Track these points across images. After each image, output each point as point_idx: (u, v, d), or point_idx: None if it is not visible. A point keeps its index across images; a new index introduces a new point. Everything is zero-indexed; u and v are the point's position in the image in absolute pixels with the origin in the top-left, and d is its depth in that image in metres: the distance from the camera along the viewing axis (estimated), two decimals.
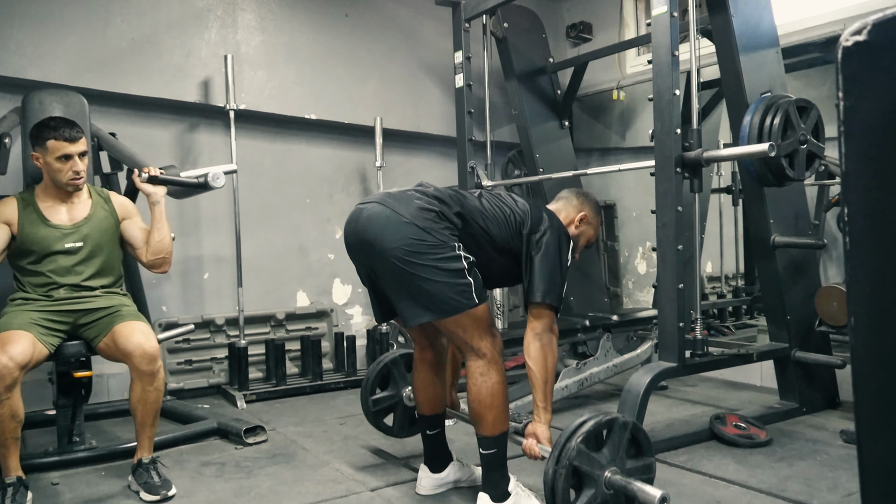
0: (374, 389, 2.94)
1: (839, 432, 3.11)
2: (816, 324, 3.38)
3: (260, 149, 4.56)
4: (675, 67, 2.96)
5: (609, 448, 2.08)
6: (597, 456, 2.05)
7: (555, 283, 2.31)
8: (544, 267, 2.32)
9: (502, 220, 2.36)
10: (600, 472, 2.04)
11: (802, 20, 3.85)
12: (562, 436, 2.06)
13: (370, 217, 2.25)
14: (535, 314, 2.32)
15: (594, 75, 5.13)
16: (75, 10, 3.86)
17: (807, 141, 3.05)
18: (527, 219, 2.38)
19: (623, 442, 2.09)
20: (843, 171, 0.77)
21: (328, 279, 4.84)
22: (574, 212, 2.58)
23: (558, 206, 2.61)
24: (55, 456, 2.95)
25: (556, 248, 2.35)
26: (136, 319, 2.81)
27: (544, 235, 2.35)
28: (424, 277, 2.16)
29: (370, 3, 4.84)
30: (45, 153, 2.75)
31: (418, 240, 2.16)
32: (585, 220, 2.59)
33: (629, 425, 2.11)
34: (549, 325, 2.32)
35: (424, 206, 2.21)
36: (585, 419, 2.08)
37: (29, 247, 2.77)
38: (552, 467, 2.01)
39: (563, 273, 2.36)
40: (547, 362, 2.30)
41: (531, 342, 2.31)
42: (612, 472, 2.05)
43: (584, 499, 2.03)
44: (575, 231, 2.57)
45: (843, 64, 0.75)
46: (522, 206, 2.43)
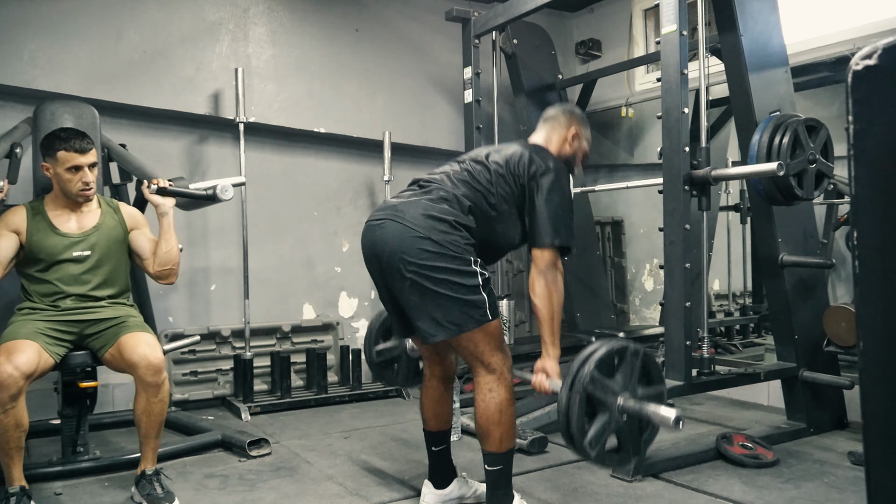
0: (377, 340, 2.90)
1: (847, 454, 3.08)
2: (825, 344, 3.36)
3: (269, 161, 4.58)
4: (684, 86, 2.97)
5: (621, 375, 2.07)
6: (610, 382, 2.04)
7: (560, 224, 2.28)
8: (546, 209, 2.29)
9: (503, 182, 2.34)
10: (613, 399, 2.03)
11: (812, 40, 3.85)
12: (574, 363, 2.05)
13: (385, 235, 2.25)
14: (539, 254, 2.29)
15: (603, 92, 5.14)
16: (88, 22, 3.90)
17: (816, 160, 3.04)
18: (520, 166, 2.34)
19: (635, 370, 2.09)
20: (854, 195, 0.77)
21: (334, 292, 4.84)
22: (564, 130, 2.54)
23: (546, 132, 2.56)
24: (59, 466, 2.95)
25: (554, 187, 2.30)
26: (142, 330, 2.81)
27: (539, 178, 2.31)
28: (441, 294, 2.16)
29: (380, 19, 4.87)
30: (56, 164, 2.77)
31: (435, 254, 2.16)
32: (577, 136, 2.55)
33: (640, 353, 2.11)
34: (554, 261, 2.28)
35: (436, 216, 2.21)
36: (597, 346, 2.08)
37: (37, 255, 2.78)
38: (566, 394, 2.00)
39: (566, 210, 2.32)
40: (552, 298, 2.27)
41: (535, 279, 2.28)
42: (626, 399, 2.04)
43: (597, 425, 2.02)
44: (569, 150, 2.54)
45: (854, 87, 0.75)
46: (513, 154, 2.38)
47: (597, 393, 2.01)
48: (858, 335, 0.79)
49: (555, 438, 3.37)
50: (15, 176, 3.37)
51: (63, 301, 2.79)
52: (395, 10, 4.92)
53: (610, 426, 2.04)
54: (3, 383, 2.42)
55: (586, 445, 2.02)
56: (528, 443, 3.16)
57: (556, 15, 5.53)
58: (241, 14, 4.38)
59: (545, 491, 2.74)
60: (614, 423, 2.04)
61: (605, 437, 2.05)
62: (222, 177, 3.17)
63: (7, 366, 2.45)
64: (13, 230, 2.78)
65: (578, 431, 2.00)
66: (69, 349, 2.76)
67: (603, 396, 2.02)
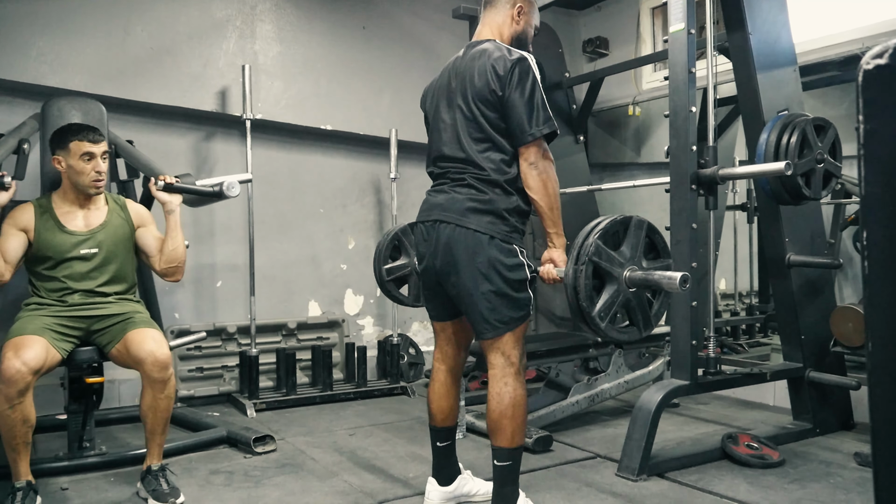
0: (386, 259, 2.94)
1: (853, 454, 3.07)
2: (831, 344, 3.35)
3: (275, 158, 4.58)
4: (692, 84, 2.96)
5: (627, 247, 2.07)
6: (616, 254, 2.04)
7: (535, 113, 2.23)
8: (518, 104, 2.23)
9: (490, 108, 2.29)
10: (620, 270, 2.03)
11: (820, 39, 3.83)
12: (579, 236, 2.05)
13: (439, 236, 2.31)
14: (525, 149, 2.25)
15: (610, 91, 5.12)
16: (96, 19, 3.91)
17: (824, 160, 3.03)
18: (493, 82, 2.26)
19: (640, 242, 2.08)
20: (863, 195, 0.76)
21: (340, 289, 4.85)
22: (508, 8, 2.46)
23: (491, 16, 2.48)
24: (65, 461, 2.96)
25: (517, 82, 2.24)
26: (149, 326, 2.82)
27: (509, 77, 2.24)
28: (493, 292, 2.23)
29: (387, 16, 4.87)
30: (68, 155, 2.78)
31: (486, 250, 2.23)
32: (523, 11, 2.47)
33: (645, 224, 2.11)
34: (541, 151, 2.26)
35: (481, 208, 2.26)
36: (600, 219, 2.08)
37: (45, 252, 2.79)
38: (571, 266, 2.00)
39: (538, 96, 2.25)
40: (548, 188, 2.25)
41: (527, 173, 2.26)
42: (631, 271, 2.04)
43: (605, 296, 2.02)
44: (518, 28, 2.46)
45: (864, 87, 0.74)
46: (479, 80, 2.30)
47: (603, 263, 2.00)
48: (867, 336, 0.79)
49: (559, 437, 3.37)
50: (23, 172, 3.38)
51: (70, 297, 2.80)
52: (402, 8, 4.92)
53: (618, 298, 2.03)
54: (11, 379, 2.44)
55: (595, 316, 2.03)
56: (532, 441, 3.16)
57: (563, 13, 5.52)
58: (248, 11, 4.38)
59: (550, 489, 2.74)
60: (622, 295, 2.03)
61: (613, 309, 2.05)
62: (229, 174, 3.17)
63: (15, 361, 2.46)
64: (21, 228, 2.79)
65: (587, 303, 2.00)
66: (76, 345, 2.78)
67: (609, 267, 2.02)
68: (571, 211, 4.20)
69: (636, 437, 2.87)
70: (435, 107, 2.49)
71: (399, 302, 3.05)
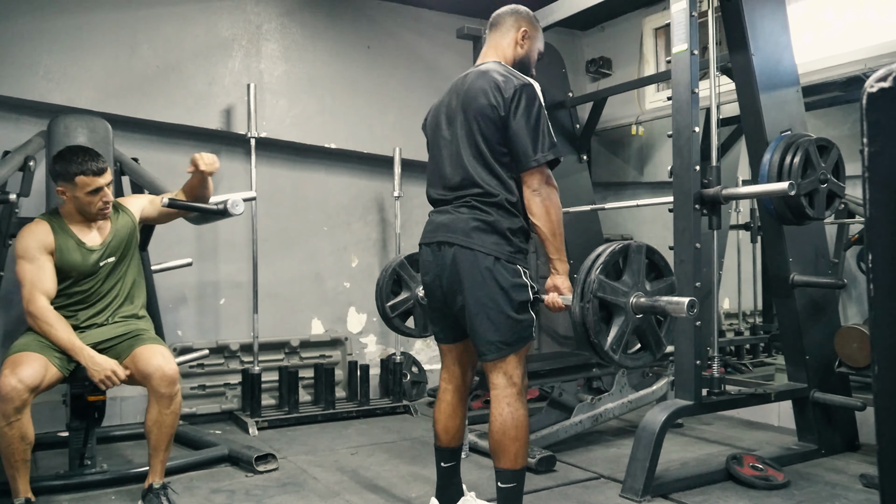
0: (388, 296, 2.94)
1: (859, 476, 3.04)
2: (836, 364, 3.33)
3: (279, 176, 4.60)
4: (695, 104, 2.97)
5: (629, 274, 2.08)
6: (619, 284, 2.05)
7: (539, 139, 2.24)
8: (521, 129, 2.24)
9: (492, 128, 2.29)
10: (625, 299, 2.03)
11: (823, 59, 3.84)
12: (580, 272, 2.06)
13: (444, 257, 2.32)
14: (529, 175, 2.26)
15: (613, 110, 5.14)
16: (103, 37, 3.94)
17: (827, 180, 3.03)
18: (495, 103, 2.27)
19: (641, 266, 2.09)
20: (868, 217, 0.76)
21: (343, 307, 4.84)
22: (513, 32, 2.48)
23: (495, 40, 2.49)
24: (66, 479, 2.94)
25: (522, 106, 2.25)
26: (157, 343, 2.83)
27: (512, 102, 2.24)
28: (498, 313, 2.23)
29: (392, 36, 4.90)
30: (74, 189, 2.74)
31: (490, 271, 2.23)
32: (527, 35, 2.49)
33: (643, 248, 2.11)
34: (545, 178, 2.27)
35: (486, 227, 2.26)
36: (600, 251, 2.09)
37: (67, 272, 2.77)
38: (577, 304, 2.01)
39: (542, 121, 2.26)
40: (551, 215, 2.26)
41: (531, 199, 2.27)
42: (637, 297, 2.04)
43: (615, 328, 2.04)
44: (522, 52, 2.48)
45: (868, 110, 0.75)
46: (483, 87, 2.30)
47: (608, 297, 2.02)
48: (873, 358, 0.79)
49: (563, 457, 3.35)
50: (28, 189, 3.40)
51: (84, 312, 2.80)
52: (407, 28, 4.95)
53: (628, 327, 2.05)
54: (7, 396, 2.42)
55: (609, 351, 2.04)
56: (536, 461, 3.14)
57: (566, 33, 5.56)
58: (254, 30, 4.42)
59: None
60: (631, 323, 2.05)
61: (625, 339, 2.07)
62: (233, 191, 3.18)
63: (11, 378, 2.45)
64: (48, 250, 2.74)
65: (598, 338, 2.02)
66: (78, 362, 2.73)
67: (615, 299, 2.04)
68: (574, 230, 4.20)
69: (640, 458, 2.85)
70: (435, 126, 2.50)
71: (406, 335, 3.05)
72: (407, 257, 3.01)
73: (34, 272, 2.69)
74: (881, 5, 3.66)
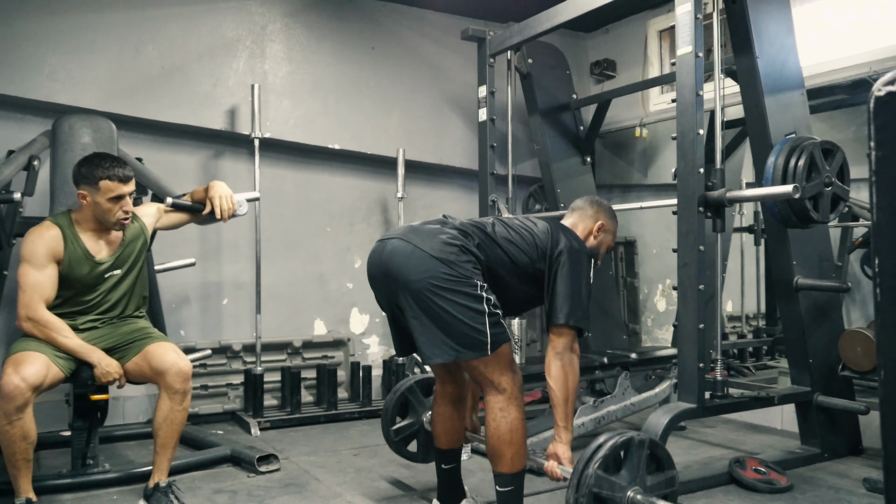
0: (393, 420, 2.94)
1: (862, 480, 3.03)
2: (840, 368, 3.32)
3: (283, 177, 4.60)
4: (700, 107, 2.96)
5: (628, 468, 2.06)
6: (616, 479, 2.03)
7: (578, 304, 2.29)
8: (566, 288, 2.30)
9: (524, 245, 2.35)
10: (622, 495, 2.01)
11: (828, 62, 3.84)
12: (579, 462, 2.04)
13: (393, 252, 2.27)
14: (556, 333, 2.30)
15: (617, 112, 5.13)
16: (108, 37, 3.95)
17: (832, 183, 3.02)
18: (547, 240, 2.36)
19: (641, 460, 2.07)
20: (874, 222, 0.76)
21: (346, 308, 4.84)
22: (591, 222, 2.58)
23: (574, 220, 2.60)
24: (69, 478, 2.95)
25: (576, 268, 2.33)
26: (167, 341, 2.84)
27: (563, 255, 2.33)
28: (444, 316, 2.16)
29: (396, 37, 4.90)
30: (96, 193, 2.68)
31: (443, 274, 2.16)
32: (603, 229, 2.59)
33: (646, 443, 2.09)
34: (570, 343, 2.29)
35: (447, 241, 2.22)
36: (602, 442, 2.06)
37: (72, 284, 2.76)
38: (572, 496, 1.99)
39: (585, 292, 2.33)
40: (567, 381, 2.27)
41: (552, 361, 2.28)
42: (634, 493, 2.02)
43: None
44: (594, 242, 2.57)
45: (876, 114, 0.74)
46: (542, 228, 2.42)
47: (604, 492, 2.00)
48: (880, 363, 0.78)
49: None
50: (32, 188, 3.41)
51: (83, 317, 2.80)
52: (411, 29, 4.95)
53: None
54: (10, 394, 2.42)
55: None
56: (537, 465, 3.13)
57: (571, 35, 5.55)
58: (258, 31, 4.42)
59: None
60: None
61: None
62: (237, 192, 3.18)
63: (14, 377, 2.45)
64: (55, 259, 2.70)
65: None
66: (81, 362, 2.73)
67: (610, 494, 2.01)
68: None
69: None
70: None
71: (410, 459, 3.03)
72: (416, 381, 2.99)
73: (38, 278, 2.66)
74: (887, 8, 3.66)
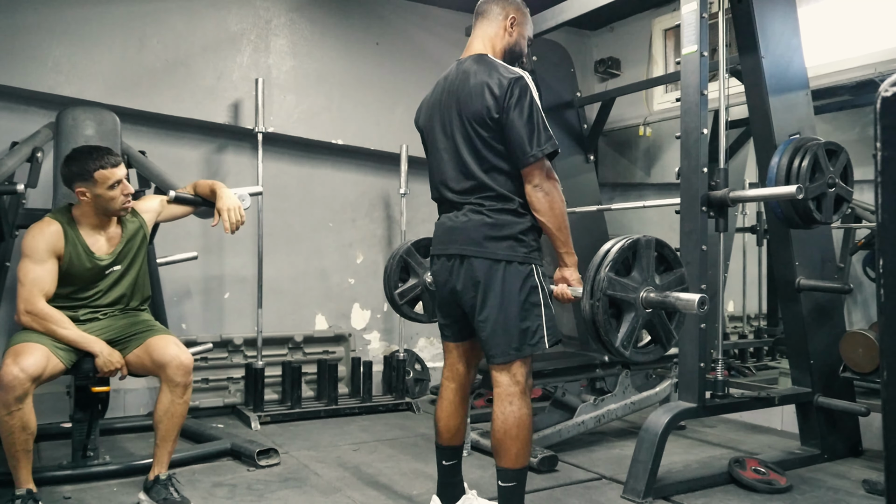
0: (396, 283, 2.97)
1: (862, 482, 3.03)
2: (840, 369, 3.32)
3: (286, 172, 4.60)
4: (704, 106, 2.96)
5: (638, 270, 2.09)
6: (628, 280, 2.06)
7: (536, 131, 2.21)
8: (520, 124, 2.21)
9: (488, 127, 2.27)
10: (635, 295, 2.04)
11: (833, 63, 3.83)
12: (589, 269, 2.06)
13: (470, 268, 2.29)
14: (529, 171, 2.24)
15: (621, 111, 5.12)
16: (112, 30, 3.94)
17: (835, 184, 3.02)
18: (489, 104, 2.25)
19: (650, 260, 2.10)
20: (880, 223, 0.75)
21: (347, 303, 4.84)
22: (500, 20, 2.43)
23: (483, 30, 2.45)
24: (69, 470, 2.95)
25: (518, 98, 2.22)
26: (168, 334, 2.85)
27: (506, 99, 2.22)
28: (514, 321, 2.23)
29: (401, 33, 4.90)
30: (94, 186, 2.69)
31: (501, 279, 2.24)
32: (515, 22, 2.45)
33: (653, 242, 2.11)
34: (545, 173, 2.24)
35: (496, 236, 2.26)
36: (609, 246, 2.09)
37: (72, 280, 2.76)
38: (588, 302, 2.03)
39: (537, 115, 2.23)
40: (554, 209, 2.25)
41: (533, 194, 2.25)
42: (647, 292, 2.05)
43: (625, 325, 2.05)
44: (511, 39, 2.45)
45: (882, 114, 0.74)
46: (476, 90, 2.28)
47: (618, 294, 2.03)
48: (882, 364, 0.78)
49: (565, 457, 3.35)
50: (35, 180, 3.41)
51: (82, 310, 2.80)
52: (416, 25, 4.94)
53: (638, 322, 2.06)
54: (9, 385, 2.43)
55: (619, 347, 2.05)
56: (538, 461, 3.14)
57: (575, 33, 5.55)
58: (263, 25, 4.42)
59: None
60: (641, 319, 2.06)
61: (636, 335, 2.08)
62: (240, 186, 3.18)
63: (13, 367, 2.45)
64: (56, 254, 2.71)
65: (609, 335, 2.03)
66: (81, 354, 2.73)
67: (624, 295, 2.04)
68: (581, 231, 4.19)
69: (642, 459, 2.85)
70: (430, 127, 2.48)
71: (416, 321, 3.10)
72: (414, 244, 3.04)
73: (38, 273, 2.67)
74: (892, 9, 3.65)
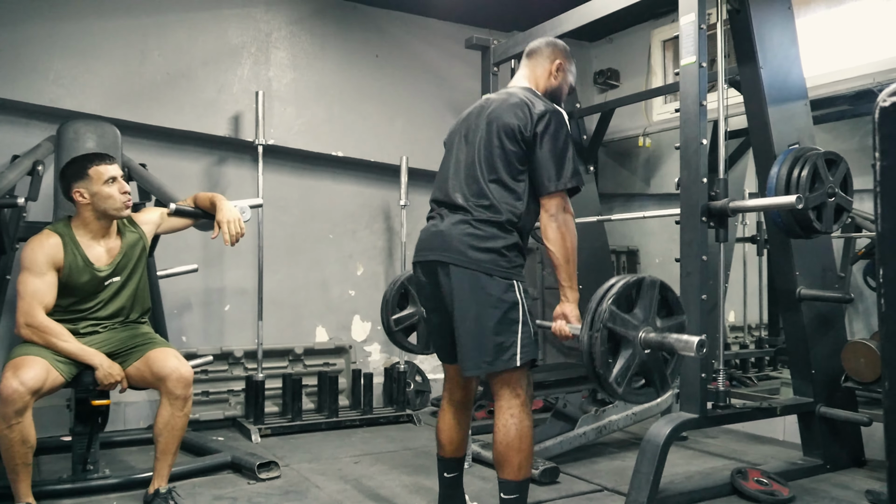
0: (394, 309, 2.95)
1: (865, 492, 3.01)
2: (842, 379, 3.31)
3: (286, 184, 4.61)
4: (703, 117, 2.96)
5: (640, 308, 2.08)
6: (629, 317, 2.04)
7: (563, 165, 2.27)
8: (549, 155, 2.27)
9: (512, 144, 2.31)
10: (635, 333, 2.03)
11: (832, 73, 3.84)
12: (592, 301, 2.05)
13: (449, 277, 2.30)
14: (547, 198, 2.28)
15: (620, 121, 5.14)
16: (113, 43, 3.96)
17: (835, 194, 3.02)
18: (522, 121, 2.30)
19: (653, 302, 2.08)
20: (880, 232, 0.75)
21: (348, 315, 4.84)
22: (548, 63, 2.53)
23: (531, 69, 2.54)
24: (69, 483, 2.94)
25: (552, 130, 2.29)
26: (168, 346, 2.85)
27: (538, 126, 2.28)
28: (487, 333, 2.23)
29: (400, 45, 4.92)
30: (90, 184, 2.73)
31: (484, 291, 2.24)
32: (562, 68, 2.54)
33: (657, 284, 2.10)
34: (563, 204, 2.28)
35: (479, 247, 2.25)
36: (613, 282, 2.08)
37: (72, 291, 2.76)
38: (587, 332, 2.01)
39: (566, 149, 2.30)
40: (566, 241, 2.27)
41: (547, 224, 2.28)
42: (646, 332, 2.03)
43: (621, 360, 2.03)
44: (555, 83, 2.53)
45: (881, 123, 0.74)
46: (515, 104, 2.35)
47: (617, 328, 2.02)
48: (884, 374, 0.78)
49: (566, 469, 3.33)
50: (36, 193, 3.41)
51: (82, 323, 2.79)
52: (416, 37, 4.97)
53: (634, 361, 2.05)
54: (9, 398, 2.42)
55: (612, 383, 2.03)
56: (539, 472, 3.13)
57: (574, 44, 5.56)
58: (263, 38, 4.44)
59: None
60: (638, 358, 2.05)
61: (630, 373, 2.06)
62: (240, 198, 3.19)
63: (13, 381, 2.45)
64: (55, 266, 2.72)
65: (603, 369, 2.02)
66: (81, 367, 2.73)
67: (624, 331, 2.03)
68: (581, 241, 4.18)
69: (644, 471, 2.83)
70: (454, 136, 2.54)
71: (408, 350, 3.07)
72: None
73: (38, 285, 2.67)
74: (891, 19, 3.66)
